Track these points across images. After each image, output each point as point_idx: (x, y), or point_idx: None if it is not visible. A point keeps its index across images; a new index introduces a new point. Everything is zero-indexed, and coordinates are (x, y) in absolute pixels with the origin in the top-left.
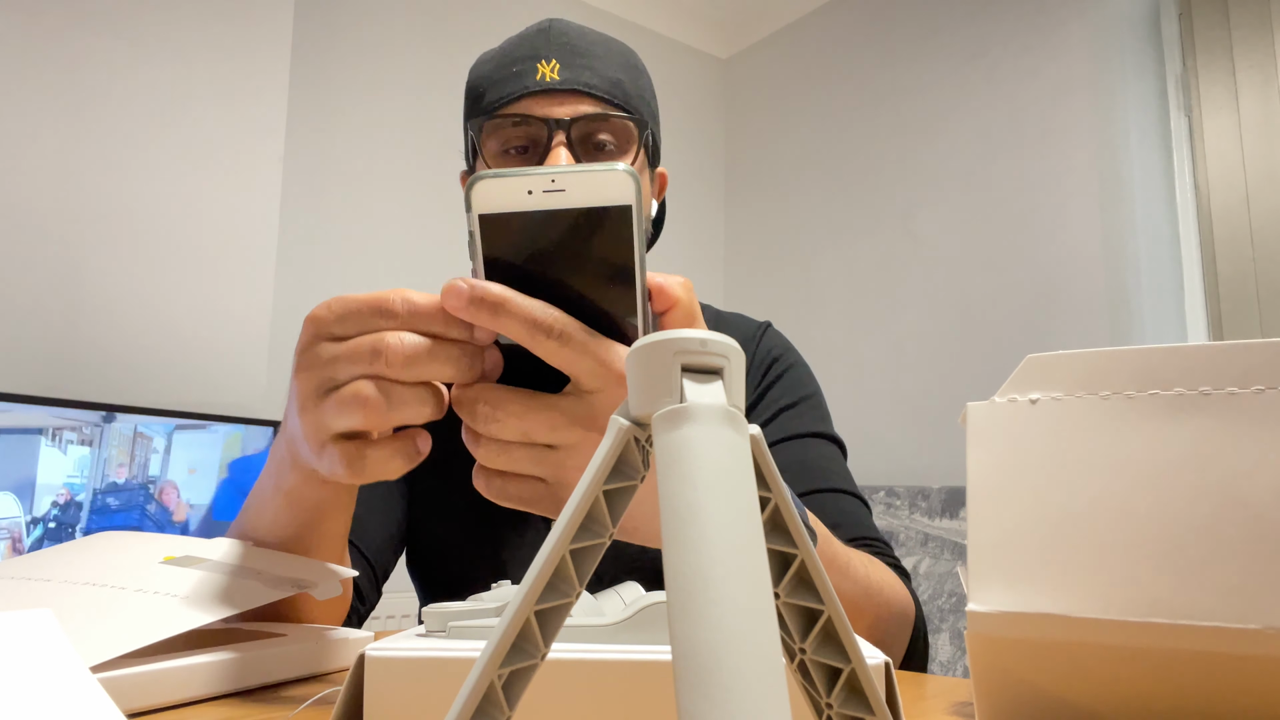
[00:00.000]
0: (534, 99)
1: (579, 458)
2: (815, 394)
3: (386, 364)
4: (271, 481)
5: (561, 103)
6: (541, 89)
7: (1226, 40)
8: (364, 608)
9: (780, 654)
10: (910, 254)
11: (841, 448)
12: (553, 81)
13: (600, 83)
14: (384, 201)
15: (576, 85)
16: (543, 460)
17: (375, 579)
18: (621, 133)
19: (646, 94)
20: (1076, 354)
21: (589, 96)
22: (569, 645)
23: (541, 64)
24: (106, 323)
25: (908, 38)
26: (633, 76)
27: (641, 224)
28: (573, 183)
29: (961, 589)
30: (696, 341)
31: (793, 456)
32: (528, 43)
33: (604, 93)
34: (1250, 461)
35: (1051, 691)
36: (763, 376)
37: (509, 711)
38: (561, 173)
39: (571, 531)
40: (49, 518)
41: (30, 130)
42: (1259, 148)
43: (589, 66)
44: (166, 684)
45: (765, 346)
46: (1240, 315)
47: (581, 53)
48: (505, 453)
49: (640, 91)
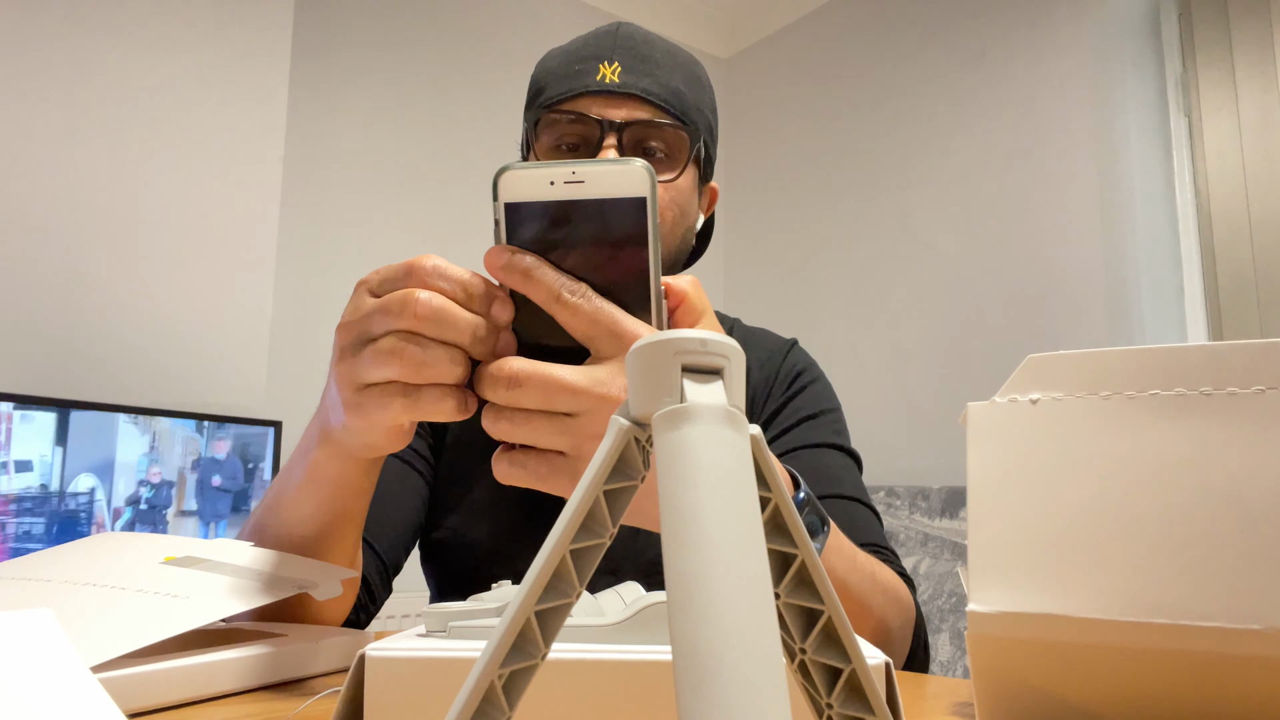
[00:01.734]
0: (592, 98)
1: (597, 425)
2: (836, 409)
3: (415, 317)
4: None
5: (619, 105)
6: (601, 89)
7: (1226, 41)
8: (374, 605)
9: (780, 654)
10: (910, 254)
11: (858, 462)
12: (612, 84)
13: (660, 90)
14: (384, 201)
15: (635, 90)
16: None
17: (387, 575)
18: (673, 141)
19: (706, 108)
20: (1077, 354)
21: (646, 103)
22: (569, 645)
23: (604, 65)
24: (106, 322)
25: (908, 38)
26: (694, 89)
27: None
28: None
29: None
30: (697, 341)
31: (808, 463)
32: (594, 43)
33: (662, 100)
34: (1251, 461)
35: (1051, 691)
36: (787, 388)
37: (509, 711)
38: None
39: (572, 532)
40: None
41: (30, 130)
42: (1259, 148)
43: (651, 73)
44: (166, 684)
45: (791, 360)
46: (1240, 315)
47: (645, 58)
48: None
49: (700, 104)
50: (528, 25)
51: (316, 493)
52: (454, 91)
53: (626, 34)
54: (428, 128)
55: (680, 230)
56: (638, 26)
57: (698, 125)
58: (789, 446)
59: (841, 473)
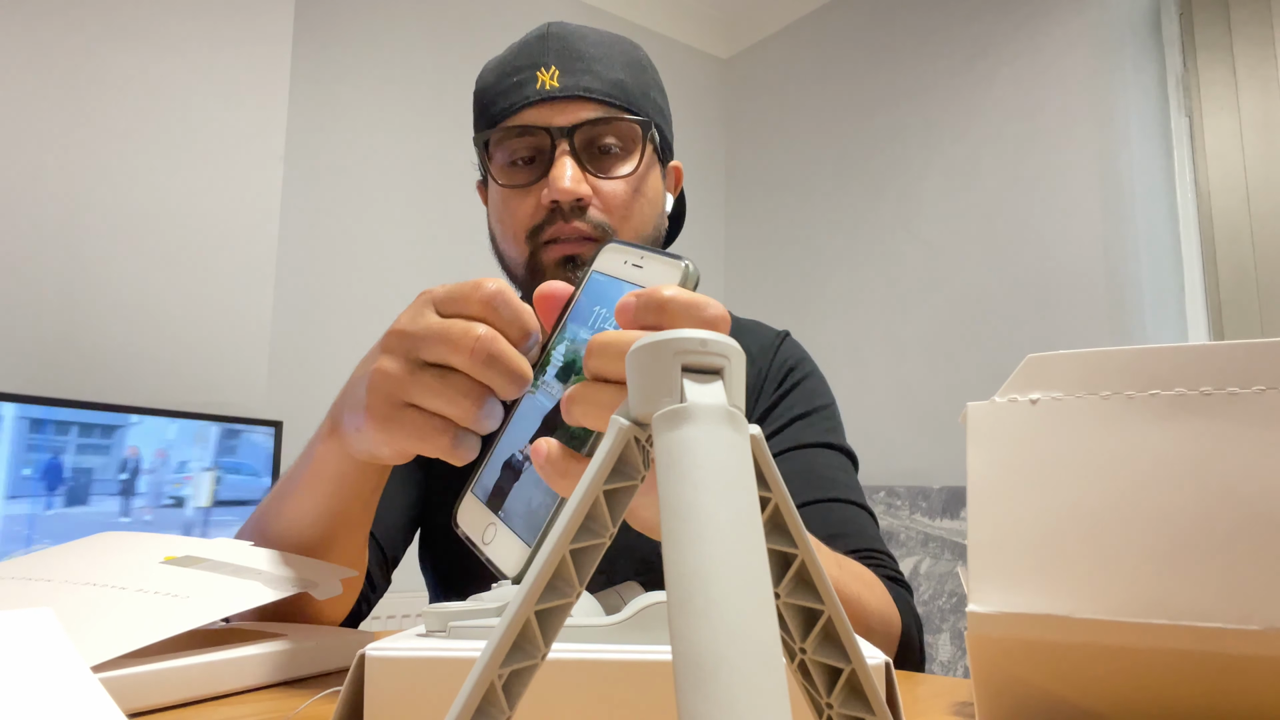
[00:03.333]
0: (536, 108)
1: None
2: (830, 405)
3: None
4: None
5: (563, 110)
6: (542, 97)
7: (1227, 40)
8: (374, 595)
9: (780, 654)
10: (910, 254)
11: (853, 460)
12: (552, 89)
13: (601, 85)
14: (385, 201)
15: (577, 90)
16: None
17: (386, 565)
18: (626, 134)
19: (652, 90)
20: (1076, 354)
21: (590, 101)
22: (569, 645)
23: (541, 71)
24: (106, 322)
25: (908, 38)
26: (635, 74)
27: None
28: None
29: (962, 589)
30: (696, 341)
31: (801, 465)
32: (527, 50)
33: (605, 95)
34: (1250, 461)
35: (1051, 691)
36: (779, 385)
37: (509, 711)
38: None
39: (572, 532)
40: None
41: (30, 130)
42: (1259, 148)
43: (589, 70)
44: (166, 684)
45: (782, 355)
46: (1241, 315)
47: (580, 56)
48: None
49: (645, 89)
50: (528, 25)
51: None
52: (455, 91)
53: (558, 34)
54: (428, 127)
55: (652, 218)
56: (569, 24)
57: (647, 111)
58: (782, 447)
59: (836, 474)
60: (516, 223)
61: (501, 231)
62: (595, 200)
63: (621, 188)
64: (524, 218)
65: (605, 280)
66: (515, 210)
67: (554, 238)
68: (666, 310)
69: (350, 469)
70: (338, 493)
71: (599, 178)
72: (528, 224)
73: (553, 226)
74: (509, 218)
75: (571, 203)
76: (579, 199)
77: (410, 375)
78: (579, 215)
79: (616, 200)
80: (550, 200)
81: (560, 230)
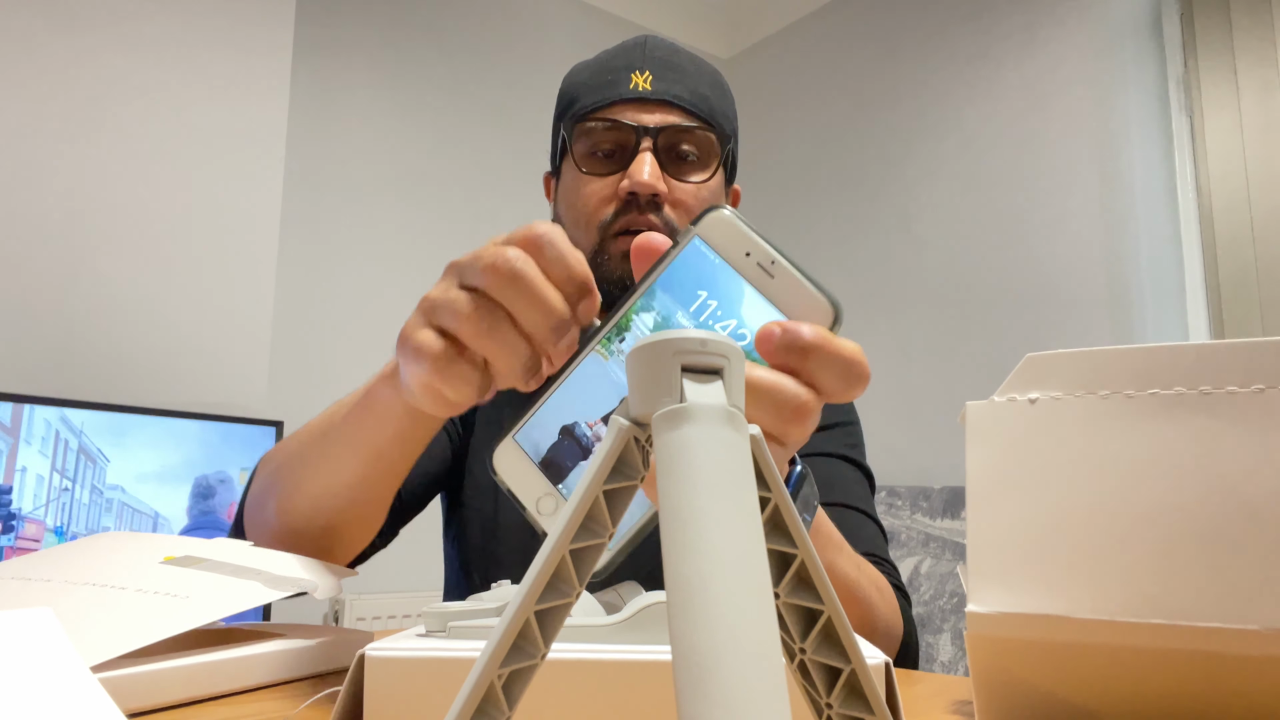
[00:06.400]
0: (626, 106)
1: None
2: (854, 423)
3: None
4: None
5: (651, 111)
6: (634, 97)
7: (1228, 40)
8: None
9: (780, 654)
10: (911, 253)
11: (869, 479)
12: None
13: (689, 96)
14: (385, 201)
15: (667, 96)
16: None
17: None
18: (705, 145)
19: (730, 113)
20: (1076, 353)
21: (677, 108)
22: (569, 645)
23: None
24: (107, 323)
25: (908, 38)
26: (719, 95)
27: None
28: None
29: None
30: (696, 341)
31: (817, 471)
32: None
33: (692, 105)
34: (1250, 461)
35: (1051, 691)
36: None
37: (509, 711)
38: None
39: (571, 531)
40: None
41: (30, 130)
42: (1260, 148)
43: (680, 80)
44: (166, 684)
45: None
46: (1241, 314)
47: (674, 67)
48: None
49: (725, 110)
50: (529, 25)
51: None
52: (455, 91)
53: (655, 44)
54: (429, 127)
55: None
56: (663, 39)
57: (725, 129)
58: (801, 453)
59: (850, 484)
60: (591, 210)
61: (573, 218)
62: (669, 200)
63: (692, 192)
64: (598, 206)
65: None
66: (590, 198)
67: (626, 228)
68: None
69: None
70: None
71: (675, 180)
72: (601, 213)
73: (626, 217)
74: (582, 205)
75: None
76: (655, 194)
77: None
78: (653, 210)
79: (688, 204)
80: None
81: (633, 221)
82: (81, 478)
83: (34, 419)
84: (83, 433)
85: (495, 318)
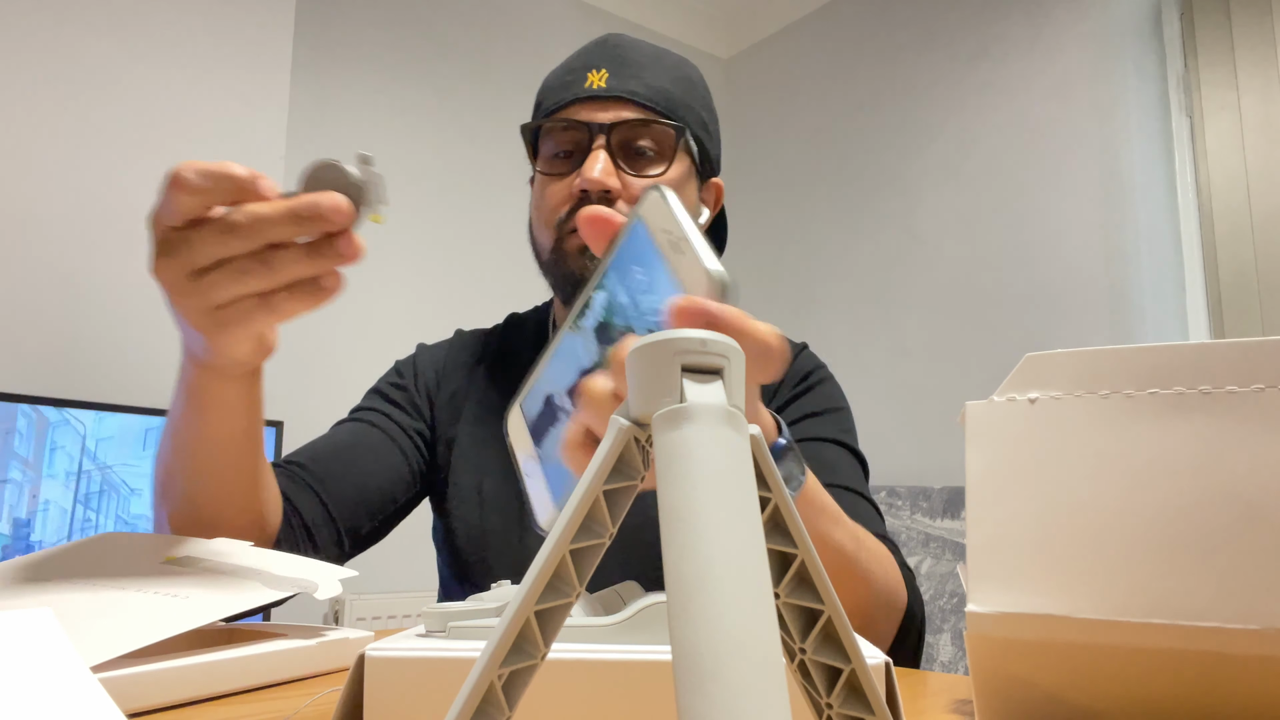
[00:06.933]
0: (581, 105)
1: None
2: (844, 410)
3: (237, 235)
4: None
5: (605, 108)
6: (588, 95)
7: (1228, 40)
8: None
9: (780, 654)
10: (911, 254)
11: (863, 464)
12: (600, 89)
13: (646, 91)
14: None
15: (621, 92)
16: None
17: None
18: (663, 139)
19: (698, 105)
20: (1075, 353)
21: (632, 103)
22: (569, 645)
23: (592, 73)
24: (106, 322)
25: (908, 38)
26: (682, 87)
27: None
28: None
29: (963, 589)
30: (697, 341)
31: (810, 455)
32: (584, 54)
33: (647, 100)
34: (1250, 461)
35: (1051, 691)
36: (794, 387)
37: (509, 711)
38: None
39: (571, 531)
40: None
41: (30, 129)
42: (1260, 147)
43: (636, 75)
44: (166, 684)
45: (800, 362)
46: (1242, 314)
47: (631, 63)
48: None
49: (689, 102)
50: (529, 26)
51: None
52: (455, 91)
53: (614, 42)
54: (429, 128)
55: None
56: (627, 35)
57: (686, 120)
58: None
59: (844, 467)
60: (548, 210)
61: (536, 218)
62: (624, 196)
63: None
64: (556, 206)
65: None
66: (549, 198)
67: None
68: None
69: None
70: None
71: (631, 175)
72: (557, 211)
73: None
74: (543, 205)
75: (599, 193)
76: (606, 190)
77: (202, 282)
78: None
79: None
80: (579, 189)
81: None
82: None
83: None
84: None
85: (268, 260)
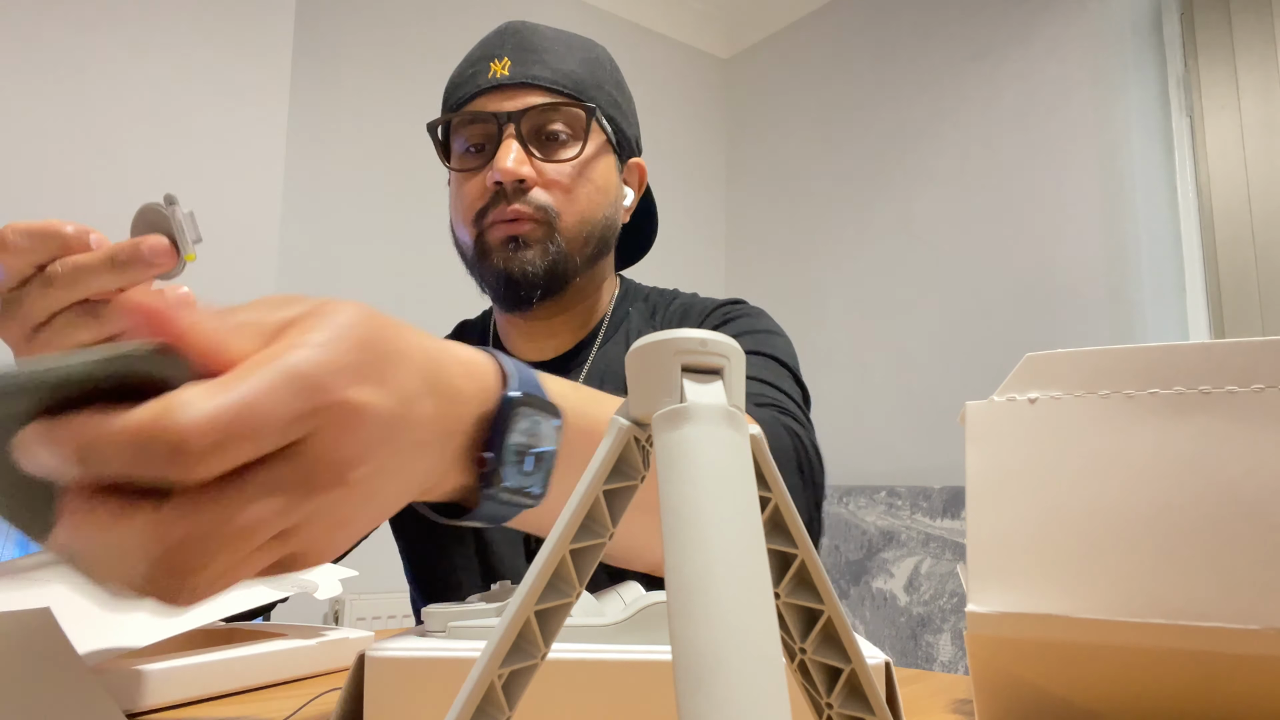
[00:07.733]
0: (487, 96)
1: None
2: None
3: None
4: None
5: (512, 97)
6: (493, 85)
7: (1228, 40)
8: None
9: (780, 654)
10: (911, 254)
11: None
12: (503, 78)
13: (551, 75)
14: (385, 201)
15: (525, 79)
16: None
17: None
18: (574, 122)
19: (608, 85)
20: (1075, 352)
21: (538, 88)
22: (569, 645)
23: (494, 62)
24: None
25: (908, 38)
26: (590, 69)
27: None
28: None
29: (963, 589)
30: (696, 341)
31: None
32: (485, 44)
33: (552, 83)
34: (1250, 461)
35: (1051, 691)
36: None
37: (509, 711)
38: None
39: (571, 531)
40: None
41: (30, 130)
42: (1260, 147)
43: (539, 60)
44: (166, 684)
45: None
46: (1242, 314)
47: (533, 48)
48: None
49: (599, 82)
50: None
51: None
52: None
53: (515, 29)
54: None
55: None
56: (529, 22)
57: (597, 100)
58: None
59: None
60: (465, 206)
61: (454, 216)
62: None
63: (566, 170)
64: (472, 201)
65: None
66: (465, 194)
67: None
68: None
69: None
70: None
71: (543, 161)
72: (475, 207)
73: (496, 209)
74: (459, 202)
75: (513, 184)
76: (520, 180)
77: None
78: (520, 197)
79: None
80: (493, 182)
81: (502, 212)
82: None
83: None
84: None
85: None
